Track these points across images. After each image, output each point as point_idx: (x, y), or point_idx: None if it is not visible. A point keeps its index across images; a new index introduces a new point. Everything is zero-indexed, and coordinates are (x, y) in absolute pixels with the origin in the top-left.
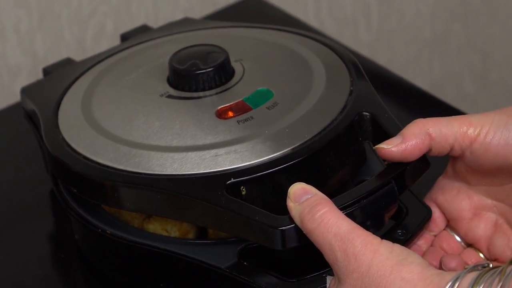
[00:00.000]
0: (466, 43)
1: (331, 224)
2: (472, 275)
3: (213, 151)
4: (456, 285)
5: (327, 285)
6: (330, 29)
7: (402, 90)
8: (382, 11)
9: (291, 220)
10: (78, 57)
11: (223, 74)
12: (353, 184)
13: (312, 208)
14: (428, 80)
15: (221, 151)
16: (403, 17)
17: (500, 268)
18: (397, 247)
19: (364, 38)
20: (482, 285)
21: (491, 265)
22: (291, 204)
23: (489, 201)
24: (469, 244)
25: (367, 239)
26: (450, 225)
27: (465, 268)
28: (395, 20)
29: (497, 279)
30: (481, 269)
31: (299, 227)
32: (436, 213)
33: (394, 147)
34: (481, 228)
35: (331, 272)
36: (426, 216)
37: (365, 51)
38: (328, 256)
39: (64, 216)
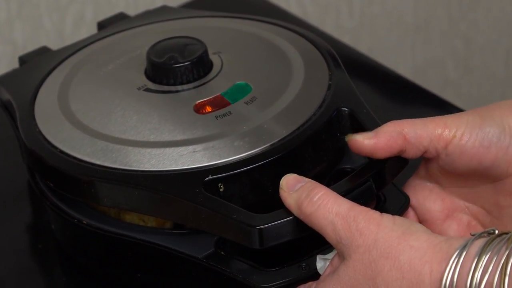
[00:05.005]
0: (449, 28)
1: (331, 204)
2: (480, 242)
3: (191, 147)
4: (464, 252)
5: (324, 265)
6: (312, 15)
7: (384, 78)
8: None
9: (271, 218)
10: (57, 45)
11: (201, 67)
12: (333, 174)
13: (309, 192)
14: (411, 66)
15: (199, 147)
16: (385, 3)
17: (508, 235)
18: (398, 218)
19: (347, 24)
20: (490, 252)
21: (496, 232)
22: (285, 193)
23: (461, 203)
24: None
25: (368, 214)
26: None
27: (472, 235)
28: (378, 5)
29: (504, 246)
30: (488, 236)
31: (295, 215)
32: (409, 214)
33: (366, 140)
34: (454, 230)
35: (326, 251)
36: (404, 203)
37: (347, 37)
38: (331, 236)
39: (41, 206)
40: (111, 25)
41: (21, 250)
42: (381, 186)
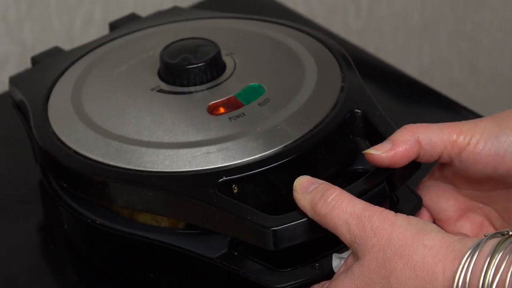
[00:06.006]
0: (455, 29)
1: (345, 204)
2: (493, 241)
3: (204, 148)
4: (478, 251)
5: (340, 263)
6: (319, 16)
7: (392, 78)
8: None
9: (285, 219)
10: (66, 45)
11: (214, 69)
12: (345, 176)
13: (323, 193)
14: (417, 67)
15: (213, 148)
16: (392, 4)
17: None
18: (413, 218)
19: (354, 25)
20: (503, 252)
21: (510, 233)
22: (299, 195)
23: (475, 203)
24: None
25: (383, 213)
26: (437, 225)
27: (485, 235)
28: (384, 6)
29: None
30: (501, 236)
31: (310, 216)
32: (423, 213)
33: (383, 153)
34: (467, 229)
35: (341, 250)
36: (416, 204)
37: (354, 38)
38: (345, 236)
39: (53, 206)
40: (122, 25)
41: (33, 250)
42: (394, 188)
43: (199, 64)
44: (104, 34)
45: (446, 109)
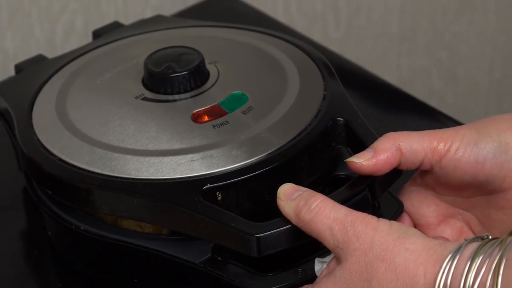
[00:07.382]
0: (434, 39)
1: (328, 210)
2: (473, 245)
3: (189, 156)
4: (458, 255)
5: (322, 268)
6: (299, 26)
7: (373, 86)
8: (351, 8)
9: (269, 226)
10: (48, 54)
11: (198, 77)
12: (328, 181)
13: (307, 200)
14: (396, 76)
15: (197, 156)
16: (371, 14)
17: (500, 239)
18: (395, 223)
19: (333, 35)
20: (483, 255)
21: (490, 237)
22: (282, 202)
23: (455, 209)
24: None
25: (365, 219)
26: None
27: (466, 240)
28: (364, 16)
29: (497, 249)
30: (481, 240)
31: (293, 223)
32: (404, 218)
33: (365, 161)
34: (447, 235)
35: (324, 255)
36: (398, 210)
37: (334, 48)
38: (329, 241)
39: (36, 213)
40: (106, 34)
41: (17, 256)
42: (376, 195)
43: (183, 73)
44: (85, 42)
45: (427, 117)
